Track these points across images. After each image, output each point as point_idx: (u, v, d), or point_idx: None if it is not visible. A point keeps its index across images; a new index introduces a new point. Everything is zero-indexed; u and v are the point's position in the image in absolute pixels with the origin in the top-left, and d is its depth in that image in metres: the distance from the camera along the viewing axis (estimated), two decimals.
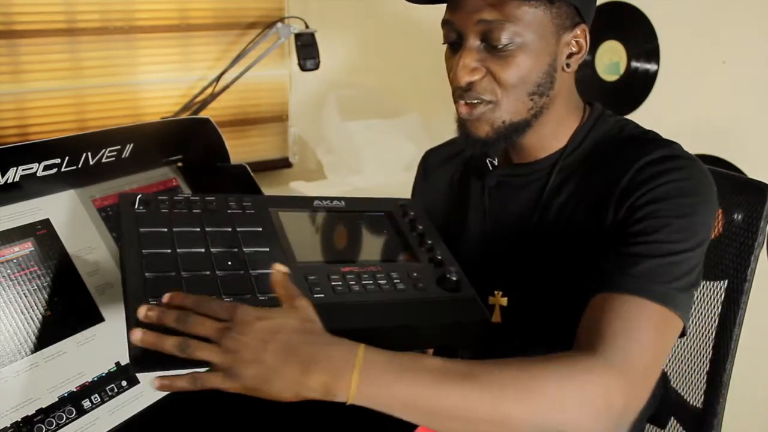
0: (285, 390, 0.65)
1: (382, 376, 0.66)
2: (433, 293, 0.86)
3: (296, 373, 0.65)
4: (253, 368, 0.64)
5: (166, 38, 2.44)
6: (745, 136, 1.55)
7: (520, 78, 0.84)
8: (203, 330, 0.66)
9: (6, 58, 2.16)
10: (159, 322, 0.67)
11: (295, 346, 0.66)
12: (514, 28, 0.81)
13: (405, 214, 0.99)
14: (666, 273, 0.74)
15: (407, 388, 0.66)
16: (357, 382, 0.65)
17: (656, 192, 0.79)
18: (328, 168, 2.37)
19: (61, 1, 2.22)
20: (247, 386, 0.65)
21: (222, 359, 0.65)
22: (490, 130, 0.86)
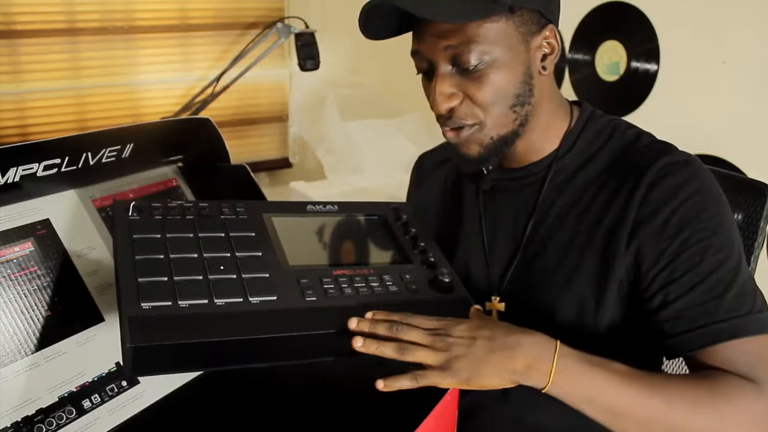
0: (494, 375, 0.72)
1: (576, 367, 0.72)
2: (426, 295, 0.86)
3: (503, 358, 0.72)
4: (465, 361, 0.72)
5: (166, 38, 2.44)
6: (745, 136, 1.55)
7: (497, 94, 0.83)
8: (415, 336, 0.74)
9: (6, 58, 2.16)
10: (372, 331, 0.75)
11: (498, 337, 0.74)
12: (481, 48, 0.81)
13: (398, 217, 0.99)
14: (744, 302, 0.77)
15: (596, 383, 0.72)
16: (556, 370, 0.72)
17: (679, 216, 0.80)
18: (328, 168, 2.38)
19: (61, 1, 2.23)
20: (462, 378, 0.72)
21: (437, 358, 0.73)
22: (481, 149, 0.87)
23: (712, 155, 1.59)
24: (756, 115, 1.53)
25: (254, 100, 2.68)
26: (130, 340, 0.68)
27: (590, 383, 0.72)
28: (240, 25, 2.55)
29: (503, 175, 0.95)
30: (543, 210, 0.90)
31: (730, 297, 0.76)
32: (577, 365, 0.73)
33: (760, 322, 0.76)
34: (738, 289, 0.77)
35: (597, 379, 0.72)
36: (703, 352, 0.76)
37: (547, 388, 0.72)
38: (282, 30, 2.29)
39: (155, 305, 0.73)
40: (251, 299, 0.77)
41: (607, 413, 0.72)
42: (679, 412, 0.71)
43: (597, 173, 0.88)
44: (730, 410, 0.72)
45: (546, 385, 0.72)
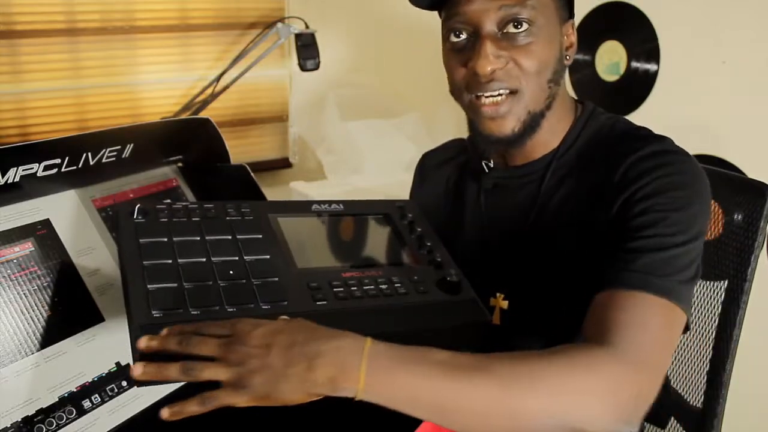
0: (293, 391, 0.63)
1: (391, 368, 0.64)
2: (435, 296, 0.85)
3: (302, 370, 0.63)
4: (260, 375, 0.63)
5: (166, 38, 2.44)
6: (745, 136, 1.55)
7: (542, 63, 0.84)
8: (206, 349, 0.65)
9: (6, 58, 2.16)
10: (161, 348, 0.66)
11: (297, 344, 0.64)
12: (532, 13, 0.82)
13: (403, 216, 0.98)
14: (666, 266, 0.74)
15: (416, 380, 0.64)
16: (365, 375, 0.63)
17: (650, 187, 0.79)
18: (328, 168, 2.37)
19: (61, 1, 2.22)
20: (257, 395, 0.63)
21: (228, 374, 0.64)
22: (518, 124, 0.86)
23: (712, 155, 1.59)
24: (756, 115, 1.53)
25: (254, 100, 2.67)
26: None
27: (409, 381, 0.64)
28: (240, 25, 2.55)
29: (505, 173, 0.95)
30: (542, 206, 0.91)
31: (657, 257, 0.74)
32: (390, 365, 0.64)
33: (669, 287, 0.73)
34: (671, 255, 0.75)
35: (416, 374, 0.64)
36: (603, 295, 0.74)
37: (358, 396, 0.63)
38: (282, 30, 2.29)
39: (166, 312, 0.72)
40: (262, 305, 0.76)
41: (437, 411, 0.64)
42: (513, 393, 0.64)
43: (591, 165, 0.89)
44: (568, 381, 0.65)
45: (356, 393, 0.63)
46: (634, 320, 0.71)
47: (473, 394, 0.64)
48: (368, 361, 0.63)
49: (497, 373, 0.65)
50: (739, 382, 1.05)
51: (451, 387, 0.64)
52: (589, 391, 0.65)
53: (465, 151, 1.07)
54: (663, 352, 0.72)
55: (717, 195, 0.98)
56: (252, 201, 0.93)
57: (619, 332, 0.70)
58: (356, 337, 0.66)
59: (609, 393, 0.66)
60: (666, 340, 0.72)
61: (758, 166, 1.51)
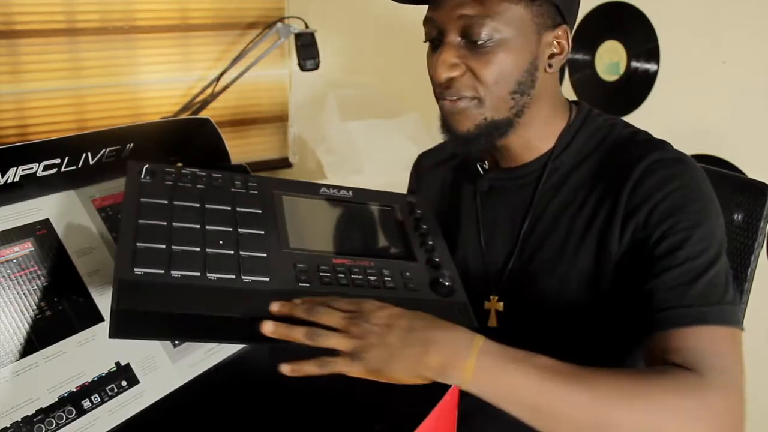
0: (406, 370, 0.68)
1: (496, 364, 0.68)
2: (424, 295, 0.85)
3: (417, 353, 0.68)
4: (378, 351, 0.68)
5: (166, 38, 2.44)
6: (745, 136, 1.55)
7: (501, 75, 0.83)
8: (331, 320, 0.71)
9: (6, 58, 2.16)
10: (290, 314, 0.72)
11: (417, 329, 0.70)
12: (495, 24, 0.81)
13: (411, 211, 0.98)
14: (713, 292, 0.75)
15: (518, 379, 0.68)
16: (473, 367, 0.67)
17: (664, 206, 0.79)
18: (328, 168, 2.37)
19: (61, 1, 2.22)
20: (371, 368, 0.68)
21: (348, 344, 0.69)
22: (472, 126, 0.86)
23: (712, 155, 1.59)
24: (756, 115, 1.53)
25: (254, 100, 2.67)
26: (117, 303, 0.70)
27: (511, 379, 0.68)
28: (240, 25, 2.55)
29: (500, 175, 0.95)
30: (539, 209, 0.90)
31: (700, 285, 0.75)
32: (498, 361, 0.69)
33: (723, 314, 0.74)
34: (710, 279, 0.76)
35: (518, 374, 0.68)
36: (663, 335, 0.74)
37: (465, 386, 0.68)
38: (282, 30, 2.29)
39: (147, 272, 0.73)
40: (243, 277, 0.77)
41: (532, 410, 0.68)
42: (608, 406, 0.67)
43: (591, 171, 0.88)
44: (665, 402, 0.67)
45: (462, 382, 0.68)
46: (710, 351, 0.72)
47: (569, 400, 0.67)
48: (478, 355, 0.68)
49: (594, 383, 0.68)
50: None
51: (550, 390, 0.67)
52: (687, 413, 0.67)
53: None
54: (743, 377, 0.73)
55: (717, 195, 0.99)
56: (261, 176, 0.94)
57: (701, 363, 0.70)
58: (468, 331, 0.71)
59: (706, 417, 0.67)
60: (740, 363, 0.74)
61: (758, 166, 1.51)
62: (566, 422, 0.67)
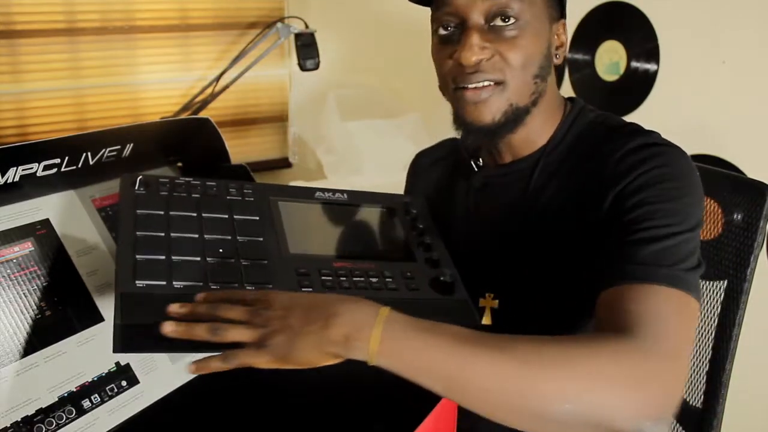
0: (310, 348, 0.65)
1: (404, 334, 0.64)
2: (426, 294, 0.85)
3: (318, 328, 0.65)
4: (280, 336, 0.66)
5: (165, 38, 2.44)
6: (745, 135, 1.55)
7: (527, 58, 0.84)
8: (233, 313, 0.69)
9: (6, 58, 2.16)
10: (190, 314, 0.69)
11: (317, 306, 0.67)
12: (520, 8, 0.82)
13: (407, 211, 0.98)
14: (668, 256, 0.73)
15: (429, 349, 0.63)
16: (379, 338, 0.64)
17: (640, 180, 0.79)
18: (328, 168, 2.37)
19: (61, 1, 2.22)
20: (277, 355, 0.66)
21: (251, 335, 0.67)
22: (498, 114, 0.85)
23: (711, 155, 1.59)
24: (756, 115, 1.53)
25: (254, 100, 2.67)
26: (120, 317, 0.69)
27: (422, 349, 0.63)
28: (240, 25, 2.55)
29: (494, 171, 0.95)
30: (531, 204, 0.91)
31: (657, 248, 0.73)
32: (406, 331, 0.64)
33: (675, 277, 0.71)
34: (669, 245, 0.74)
35: (429, 343, 0.64)
36: (610, 291, 0.72)
37: (372, 359, 0.64)
38: (282, 30, 2.28)
39: (149, 284, 0.73)
40: (247, 286, 0.77)
41: (447, 382, 0.63)
42: (528, 372, 0.62)
43: (579, 161, 0.89)
44: (590, 368, 0.62)
45: (369, 356, 0.64)
46: (650, 312, 0.68)
47: (487, 368, 0.62)
48: (384, 324, 0.65)
49: (514, 350, 0.63)
50: (739, 382, 1.05)
51: (465, 359, 0.63)
52: (614, 379, 0.62)
53: (457, 151, 1.07)
54: (685, 342, 0.69)
55: (716, 195, 0.99)
56: (256, 183, 0.93)
57: (638, 325, 0.67)
58: (374, 304, 0.68)
59: (635, 383, 0.62)
60: (685, 330, 0.69)
61: (758, 165, 1.51)
62: (486, 392, 0.62)
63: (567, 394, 0.61)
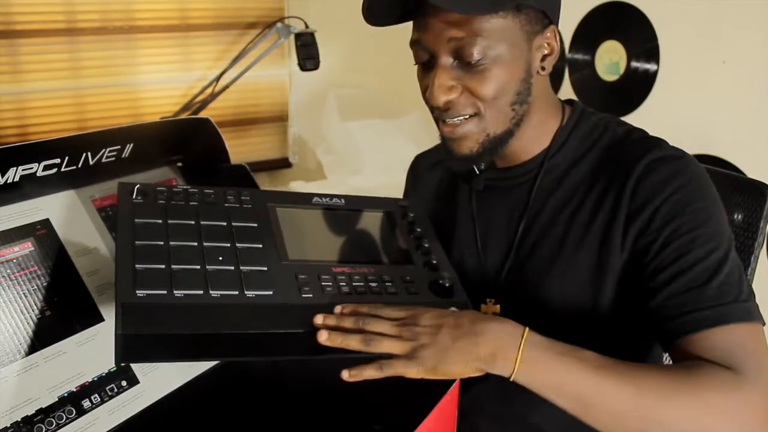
0: (458, 362, 0.71)
1: (543, 356, 0.71)
2: (425, 298, 0.85)
3: (467, 344, 0.71)
4: (431, 349, 0.71)
5: (165, 38, 2.44)
6: (745, 136, 1.55)
7: (499, 91, 0.83)
8: (381, 327, 0.74)
9: (6, 58, 2.16)
10: (338, 325, 0.75)
11: (464, 324, 0.73)
12: (486, 42, 0.80)
13: (405, 215, 0.98)
14: (728, 291, 0.75)
15: (564, 371, 0.70)
16: (521, 357, 0.70)
17: (667, 208, 0.79)
18: (327, 168, 2.37)
19: (61, 1, 2.23)
20: (428, 367, 0.71)
21: (403, 347, 0.72)
22: (475, 146, 0.86)
23: (712, 155, 1.59)
24: (756, 114, 1.53)
25: (254, 100, 2.68)
26: (122, 328, 0.69)
27: (558, 371, 0.70)
28: (240, 25, 2.55)
29: (496, 174, 0.95)
30: (535, 208, 0.90)
31: (714, 285, 0.75)
32: (545, 353, 0.71)
33: (743, 311, 0.74)
34: (723, 278, 0.76)
35: (565, 366, 0.70)
36: (686, 339, 0.75)
37: (513, 376, 0.71)
38: (282, 30, 2.29)
39: (150, 293, 0.73)
40: (247, 293, 0.77)
41: (576, 402, 0.70)
42: (651, 401, 0.69)
43: (588, 170, 0.88)
44: (707, 398, 0.69)
45: (512, 373, 0.70)
46: (737, 349, 0.72)
47: (612, 393, 0.69)
48: (526, 345, 0.71)
49: (638, 378, 0.70)
50: None
51: (594, 383, 0.69)
52: (729, 411, 0.68)
53: None
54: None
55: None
56: (253, 189, 0.93)
57: (732, 361, 0.71)
58: (516, 324, 0.74)
59: (748, 414, 0.68)
60: None
61: (758, 166, 1.51)
62: (610, 415, 0.69)
63: (683, 423, 0.68)
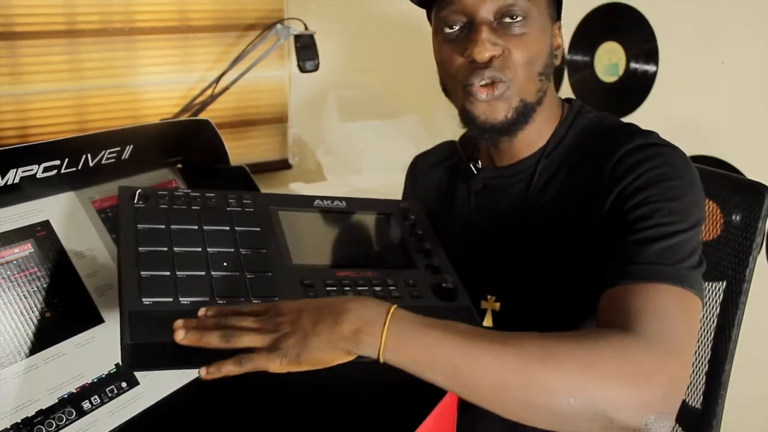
0: (322, 346, 0.67)
1: (412, 330, 0.66)
2: (429, 301, 0.85)
3: (329, 325, 0.67)
4: (293, 338, 0.68)
5: (165, 40, 2.44)
6: (744, 136, 1.56)
7: (534, 55, 0.85)
8: (244, 323, 0.70)
9: (6, 60, 2.16)
10: (200, 327, 0.70)
11: (326, 306, 0.70)
12: (528, 5, 0.83)
13: (405, 217, 0.98)
14: (671, 255, 0.74)
15: (436, 344, 0.65)
16: (388, 333, 0.66)
17: (641, 180, 0.80)
18: (327, 169, 2.38)
19: (61, 3, 2.23)
20: (291, 357, 0.67)
21: (264, 340, 0.68)
22: (510, 111, 0.86)
23: (710, 156, 1.59)
24: (755, 116, 1.53)
25: (254, 101, 2.68)
26: (129, 337, 0.69)
27: (428, 344, 0.65)
28: (239, 27, 2.55)
29: (494, 173, 0.96)
30: (532, 206, 0.91)
31: (660, 247, 0.74)
32: (413, 327, 0.67)
33: (676, 275, 0.72)
34: (672, 244, 0.74)
35: (436, 338, 0.66)
36: (615, 290, 0.73)
37: (381, 354, 0.66)
38: (281, 31, 2.29)
39: (156, 301, 0.73)
40: (253, 299, 0.77)
41: (453, 377, 0.65)
42: (530, 367, 0.63)
43: (579, 162, 0.89)
44: (591, 359, 0.64)
45: (379, 351, 0.66)
46: (653, 310, 0.69)
47: (493, 362, 0.64)
48: (392, 320, 0.67)
49: (519, 345, 0.65)
50: (738, 383, 1.05)
51: (471, 354, 0.64)
52: (616, 373, 0.63)
53: (456, 153, 1.07)
54: (688, 338, 0.70)
55: (715, 196, 0.99)
56: (254, 192, 0.93)
57: (640, 322, 0.68)
58: (382, 302, 0.70)
59: (637, 377, 0.63)
60: (688, 327, 0.70)
61: (757, 166, 1.51)
62: (490, 387, 0.64)
63: (569, 387, 0.63)
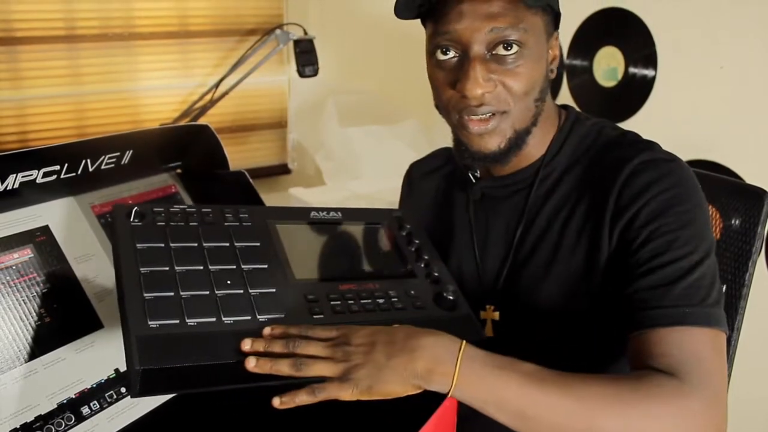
0: (395, 381, 0.68)
1: (481, 370, 0.69)
2: (431, 312, 0.85)
3: (403, 362, 0.69)
4: (365, 369, 0.69)
5: (165, 45, 2.45)
6: (743, 141, 1.56)
7: (529, 86, 0.83)
8: (313, 349, 0.71)
9: (6, 65, 2.16)
10: (267, 350, 0.71)
11: (398, 341, 0.70)
12: (523, 36, 0.81)
13: (401, 227, 0.98)
14: (695, 294, 0.74)
15: (503, 385, 0.68)
16: (459, 372, 0.68)
17: (651, 206, 0.79)
18: (326, 174, 2.38)
19: (61, 8, 2.23)
20: (363, 387, 0.68)
21: (335, 369, 0.69)
22: (503, 141, 0.85)
23: (709, 161, 1.60)
24: (754, 120, 1.54)
25: (253, 106, 2.68)
26: (139, 362, 0.66)
27: (496, 385, 0.68)
28: (239, 32, 2.56)
29: (492, 183, 0.95)
30: (531, 216, 0.90)
31: (682, 286, 0.74)
32: (482, 368, 0.69)
33: (704, 316, 0.73)
34: (693, 281, 0.75)
35: (503, 380, 0.68)
36: (643, 335, 0.74)
37: (451, 391, 0.68)
38: (281, 36, 2.29)
39: (163, 323, 0.71)
40: (259, 317, 0.76)
41: (517, 417, 0.68)
42: (592, 412, 0.67)
43: (581, 174, 0.89)
44: (649, 406, 0.67)
45: (450, 389, 0.68)
46: (690, 355, 0.71)
47: (553, 405, 0.67)
48: (463, 360, 0.69)
49: (578, 389, 0.68)
50: (738, 387, 1.05)
51: (534, 396, 0.68)
52: (669, 419, 0.67)
53: (452, 160, 1.05)
54: (724, 383, 0.72)
55: (715, 200, 0.99)
56: (250, 206, 0.93)
57: (682, 369, 0.70)
58: (452, 337, 0.71)
59: (688, 423, 0.67)
60: (722, 369, 0.73)
61: (756, 171, 1.51)
62: (552, 427, 0.68)
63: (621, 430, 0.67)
